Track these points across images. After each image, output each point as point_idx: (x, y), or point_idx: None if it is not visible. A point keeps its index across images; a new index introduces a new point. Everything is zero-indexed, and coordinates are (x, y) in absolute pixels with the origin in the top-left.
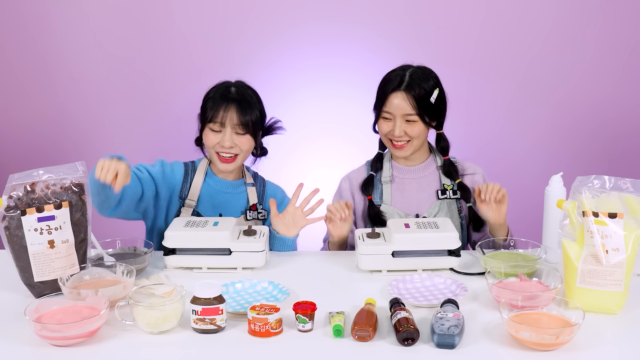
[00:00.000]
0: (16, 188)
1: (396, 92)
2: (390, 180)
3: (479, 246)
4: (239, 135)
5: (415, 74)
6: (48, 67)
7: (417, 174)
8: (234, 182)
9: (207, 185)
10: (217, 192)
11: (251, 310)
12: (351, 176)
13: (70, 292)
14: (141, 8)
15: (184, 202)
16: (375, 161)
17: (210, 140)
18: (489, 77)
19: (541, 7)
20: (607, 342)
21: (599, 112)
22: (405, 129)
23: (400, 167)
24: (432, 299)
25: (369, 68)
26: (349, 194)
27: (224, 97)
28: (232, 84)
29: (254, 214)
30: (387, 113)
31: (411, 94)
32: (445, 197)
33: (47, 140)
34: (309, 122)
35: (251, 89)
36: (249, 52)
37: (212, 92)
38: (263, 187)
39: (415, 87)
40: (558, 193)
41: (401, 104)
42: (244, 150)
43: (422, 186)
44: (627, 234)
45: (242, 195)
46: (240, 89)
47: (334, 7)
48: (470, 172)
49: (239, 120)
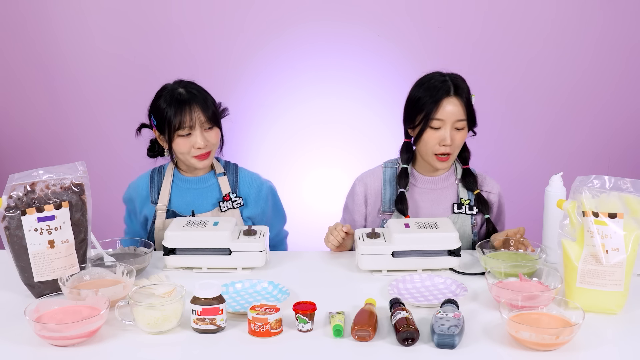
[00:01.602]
0: (16, 188)
1: (448, 97)
2: (408, 189)
3: (479, 246)
4: (208, 131)
5: (456, 80)
6: (47, 67)
7: (436, 185)
8: (202, 177)
9: (175, 186)
10: (187, 190)
11: (251, 310)
12: (366, 180)
13: (70, 292)
14: (140, 8)
15: (156, 205)
16: (402, 175)
17: (182, 146)
18: (489, 78)
19: (541, 8)
20: (607, 342)
21: (599, 112)
22: (454, 137)
23: (420, 176)
24: (432, 299)
25: (369, 68)
26: (362, 199)
27: (181, 102)
28: (175, 86)
29: (228, 204)
30: (438, 121)
31: (462, 99)
32: (461, 212)
33: (47, 140)
34: (309, 122)
35: (193, 83)
36: (249, 51)
37: (163, 102)
38: (236, 173)
39: (464, 92)
40: (558, 193)
41: (454, 109)
42: (215, 144)
43: (439, 198)
44: (627, 234)
45: (213, 187)
46: (186, 87)
47: (334, 7)
48: (487, 189)
49: (205, 117)
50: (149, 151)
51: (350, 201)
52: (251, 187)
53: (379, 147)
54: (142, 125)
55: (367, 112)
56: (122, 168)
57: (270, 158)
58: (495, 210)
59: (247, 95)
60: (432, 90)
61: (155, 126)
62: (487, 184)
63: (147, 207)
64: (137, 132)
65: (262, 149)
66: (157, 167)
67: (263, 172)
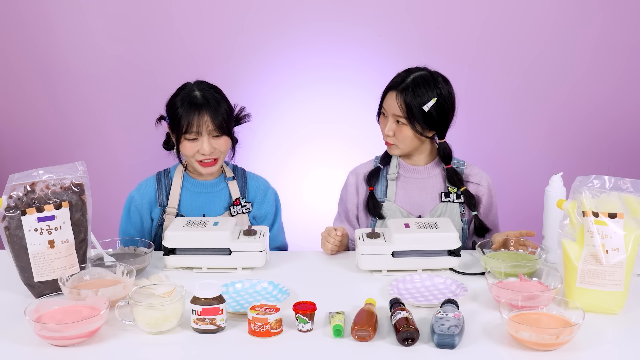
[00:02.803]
0: (16, 188)
1: (392, 91)
2: (396, 178)
3: (479, 246)
4: (216, 138)
5: (418, 79)
6: (48, 67)
7: (423, 174)
8: (213, 180)
9: (185, 189)
10: (197, 194)
11: (251, 310)
12: (358, 170)
13: (70, 292)
14: (140, 8)
15: (165, 209)
16: (385, 156)
17: (188, 150)
18: (489, 78)
19: (542, 8)
20: (607, 342)
21: (599, 113)
22: (395, 130)
23: (406, 165)
24: (432, 299)
25: (369, 68)
26: (354, 189)
27: (193, 105)
28: (194, 87)
29: (238, 208)
30: (383, 109)
31: (403, 97)
32: (449, 200)
33: (47, 140)
34: (309, 122)
35: (213, 87)
36: (249, 52)
37: (178, 101)
38: (244, 179)
39: (410, 92)
40: (558, 193)
41: (393, 103)
42: (223, 152)
43: (426, 187)
44: (627, 234)
45: (224, 191)
46: (204, 91)
47: (334, 7)
48: (475, 180)
49: (213, 125)
50: (164, 143)
51: (344, 192)
52: (258, 190)
53: (379, 147)
54: (161, 117)
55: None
56: (122, 168)
57: (270, 158)
58: (485, 201)
59: (247, 95)
60: (392, 79)
61: (168, 123)
62: (474, 175)
63: (154, 210)
64: (157, 122)
65: (262, 148)
66: (162, 170)
67: (263, 172)
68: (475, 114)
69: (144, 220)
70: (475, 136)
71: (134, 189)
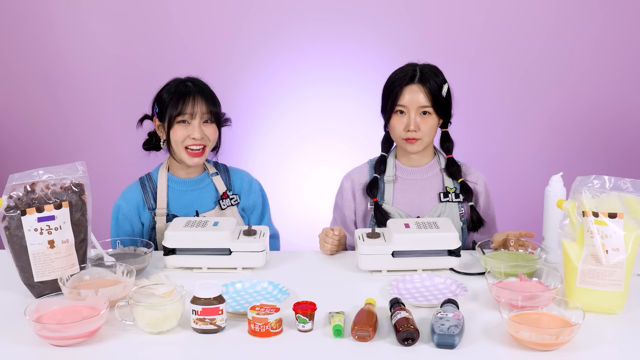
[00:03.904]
0: (16, 188)
1: (411, 85)
2: (393, 180)
3: (479, 246)
4: (207, 124)
5: (425, 69)
6: (47, 67)
7: (421, 175)
8: (197, 177)
9: (171, 189)
10: (184, 192)
11: (251, 310)
12: (353, 176)
13: (70, 292)
14: (140, 8)
15: (154, 211)
16: (379, 163)
17: (179, 135)
18: (489, 78)
19: (542, 8)
20: (607, 342)
21: (600, 112)
22: (419, 123)
23: (403, 167)
24: (432, 299)
25: (369, 68)
26: (350, 194)
27: (186, 91)
28: (183, 79)
29: (227, 201)
30: (402, 107)
31: (426, 86)
32: (448, 200)
33: (47, 140)
34: (309, 122)
35: (202, 81)
36: (249, 52)
37: (172, 87)
38: (227, 173)
39: (430, 80)
40: (558, 193)
41: (416, 96)
42: (211, 141)
43: (425, 188)
44: (627, 234)
45: (210, 187)
46: (196, 82)
47: (334, 7)
48: (472, 179)
49: (207, 109)
50: (144, 144)
51: (339, 198)
52: (243, 182)
53: (379, 147)
54: (145, 116)
55: (367, 112)
56: (122, 168)
57: (270, 158)
58: (483, 200)
59: (247, 95)
60: (397, 79)
61: (157, 114)
62: (471, 173)
63: (143, 215)
64: (139, 123)
65: (262, 148)
66: (143, 175)
67: (263, 172)
68: (475, 114)
69: (134, 226)
70: (474, 136)
71: (119, 198)
